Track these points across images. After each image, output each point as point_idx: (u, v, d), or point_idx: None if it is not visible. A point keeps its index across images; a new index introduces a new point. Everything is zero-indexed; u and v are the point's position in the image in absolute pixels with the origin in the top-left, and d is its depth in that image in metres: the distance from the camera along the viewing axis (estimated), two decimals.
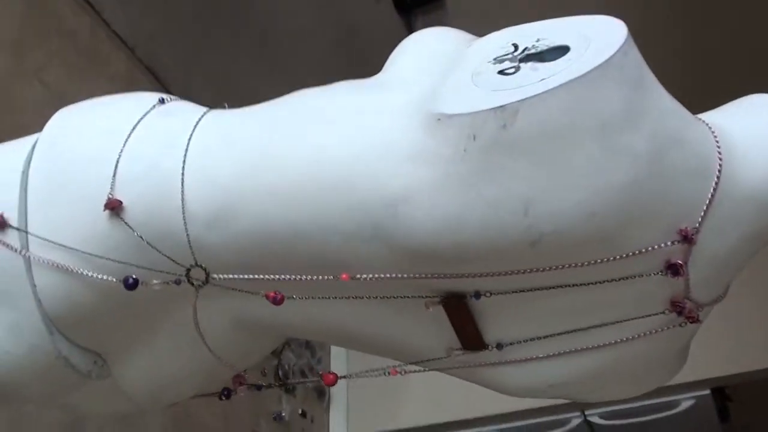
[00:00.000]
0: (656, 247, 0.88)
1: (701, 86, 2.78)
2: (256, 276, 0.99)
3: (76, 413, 1.62)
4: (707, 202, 0.89)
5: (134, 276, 1.00)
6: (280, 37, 3.54)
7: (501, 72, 0.90)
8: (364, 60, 3.42)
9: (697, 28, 3.48)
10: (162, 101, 1.10)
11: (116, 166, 1.02)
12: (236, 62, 3.60)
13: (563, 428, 4.03)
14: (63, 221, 1.04)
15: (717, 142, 0.92)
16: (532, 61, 0.89)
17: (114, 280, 1.01)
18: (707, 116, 0.97)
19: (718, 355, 3.53)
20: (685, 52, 3.48)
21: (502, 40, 0.97)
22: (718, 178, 0.90)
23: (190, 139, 1.03)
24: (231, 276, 1.00)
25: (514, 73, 0.89)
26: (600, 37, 0.88)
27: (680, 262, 0.90)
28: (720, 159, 0.90)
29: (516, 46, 0.93)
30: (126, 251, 1.01)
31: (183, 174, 1.00)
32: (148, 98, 1.11)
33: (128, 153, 1.03)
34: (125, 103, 1.12)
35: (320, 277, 0.96)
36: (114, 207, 1.00)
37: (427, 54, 1.04)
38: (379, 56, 1.14)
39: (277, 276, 0.98)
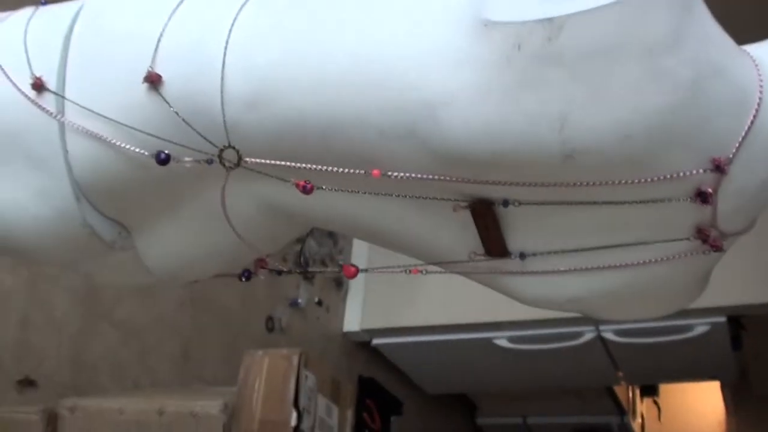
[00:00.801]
0: (688, 173, 0.88)
1: (749, 17, 2.75)
2: (288, 163, 1.00)
3: (95, 280, 1.64)
4: (743, 134, 0.89)
5: (166, 151, 1.01)
6: None
7: None
8: None
9: None
10: None
11: (159, 41, 1.02)
12: None
13: (575, 341, 4.06)
14: (100, 91, 1.05)
15: (759, 75, 0.91)
16: None
17: (146, 153, 1.02)
18: (752, 48, 0.96)
19: (737, 283, 3.53)
20: None
21: None
22: (756, 111, 0.89)
23: (234, 20, 1.03)
24: (263, 161, 1.01)
25: None
26: None
27: (710, 190, 0.90)
28: (760, 92, 0.90)
29: None
30: (161, 126, 1.02)
31: (225, 54, 1.00)
32: None
33: (172, 28, 1.03)
34: None
35: (351, 170, 0.97)
36: (153, 81, 1.00)
37: None
38: None
39: (309, 165, 0.99)
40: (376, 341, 4.42)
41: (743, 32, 1.06)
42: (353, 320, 4.39)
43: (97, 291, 2.76)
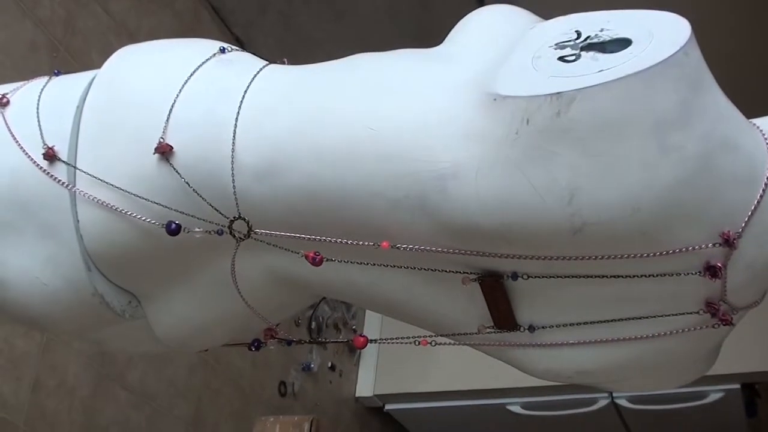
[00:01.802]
0: (697, 247, 0.88)
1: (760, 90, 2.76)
2: (298, 235, 1.00)
3: (105, 349, 1.64)
4: (752, 208, 0.89)
5: (177, 222, 1.02)
6: None
7: (561, 58, 0.90)
8: (431, 20, 3.41)
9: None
10: (222, 50, 1.11)
11: (170, 111, 1.03)
12: (302, 11, 3.59)
13: (589, 408, 4.04)
14: (112, 160, 1.06)
15: None
16: (594, 51, 0.89)
17: (157, 223, 1.03)
18: (762, 122, 0.96)
19: (752, 351, 3.53)
20: (745, 53, 3.44)
21: (565, 25, 0.96)
22: (765, 185, 0.89)
23: (246, 90, 1.04)
24: (273, 232, 1.01)
25: (574, 60, 0.89)
26: (663, 34, 0.88)
27: (719, 264, 0.89)
28: None
29: (579, 34, 0.93)
30: (172, 196, 1.03)
31: (236, 125, 1.01)
32: (208, 46, 1.12)
33: (183, 99, 1.04)
34: (186, 49, 1.13)
35: (361, 242, 0.97)
36: (164, 151, 1.01)
37: (491, 32, 1.04)
38: (447, 19, 1.13)
39: (319, 237, 0.99)
40: (389, 407, 4.40)
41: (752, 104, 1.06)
42: (366, 385, 4.37)
43: (109, 354, 2.76)
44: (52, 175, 1.08)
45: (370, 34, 3.57)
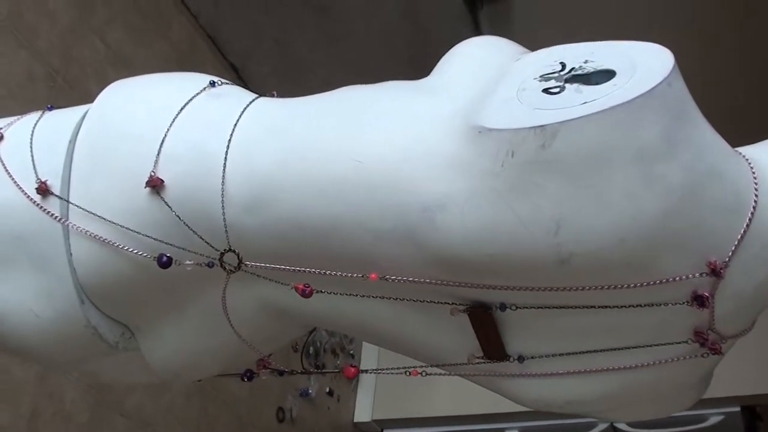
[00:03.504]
0: (684, 277, 0.88)
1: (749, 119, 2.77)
2: (288, 267, 1.00)
3: (99, 381, 1.64)
4: (739, 237, 0.89)
5: (168, 254, 1.02)
6: (342, 14, 3.55)
7: (545, 90, 0.90)
8: (423, 41, 3.42)
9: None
10: (213, 84, 1.12)
11: (161, 145, 1.04)
12: (297, 39, 3.60)
13: None
14: (104, 194, 1.06)
15: (755, 178, 0.91)
16: (578, 83, 0.90)
17: (148, 256, 1.03)
18: (747, 150, 0.97)
19: (752, 373, 3.52)
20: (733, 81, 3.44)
21: (550, 57, 0.97)
22: (752, 214, 0.89)
23: (236, 124, 1.04)
24: (263, 264, 1.01)
25: (558, 92, 0.89)
26: (647, 65, 0.88)
27: (707, 294, 0.90)
28: (756, 196, 0.90)
29: (563, 65, 0.93)
30: (163, 229, 1.03)
31: (226, 158, 1.02)
32: (199, 80, 1.13)
33: (174, 133, 1.05)
34: (176, 83, 1.13)
35: (350, 274, 0.98)
36: (155, 185, 1.02)
37: (477, 63, 1.05)
38: (441, 44, 1.13)
39: (308, 269, 1.00)
40: None
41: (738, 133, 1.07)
42: (364, 410, 4.36)
43: None
44: (45, 209, 1.08)
45: (364, 60, 3.58)
